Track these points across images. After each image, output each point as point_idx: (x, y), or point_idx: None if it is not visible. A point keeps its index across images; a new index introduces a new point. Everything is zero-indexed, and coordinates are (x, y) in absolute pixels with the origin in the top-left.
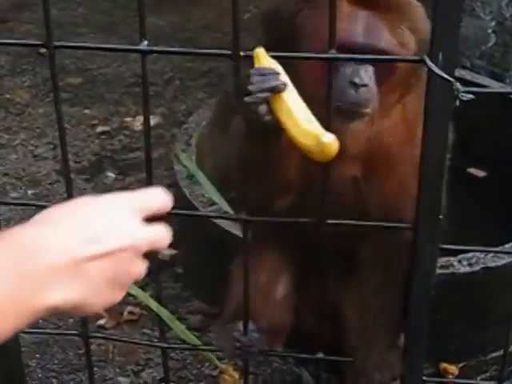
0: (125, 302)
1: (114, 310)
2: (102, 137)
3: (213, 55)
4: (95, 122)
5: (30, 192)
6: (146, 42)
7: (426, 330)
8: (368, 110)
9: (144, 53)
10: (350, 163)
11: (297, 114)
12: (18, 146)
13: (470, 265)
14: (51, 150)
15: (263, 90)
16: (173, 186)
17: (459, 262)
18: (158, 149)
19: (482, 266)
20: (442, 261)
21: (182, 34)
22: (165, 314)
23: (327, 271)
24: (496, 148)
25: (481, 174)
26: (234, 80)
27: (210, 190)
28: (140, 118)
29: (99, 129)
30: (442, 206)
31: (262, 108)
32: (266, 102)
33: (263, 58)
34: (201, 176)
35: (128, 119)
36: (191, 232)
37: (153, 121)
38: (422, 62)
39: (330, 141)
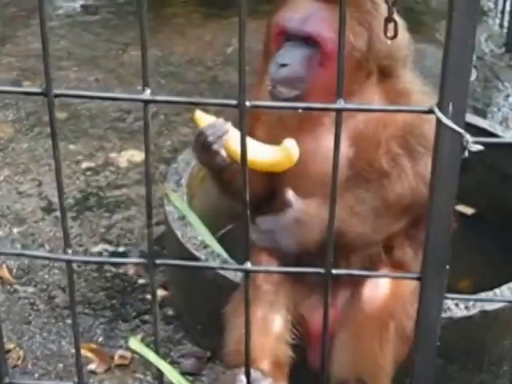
0: (116, 345)
1: (104, 354)
2: (88, 173)
3: (219, 105)
4: (80, 157)
5: (15, 230)
6: (148, 91)
7: (431, 378)
8: (293, 92)
9: (146, 102)
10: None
11: (253, 145)
12: (1, 183)
13: (466, 308)
14: (36, 187)
15: (220, 137)
16: (161, 225)
17: (456, 305)
18: (144, 186)
19: (479, 309)
20: None
21: (165, 68)
22: (156, 358)
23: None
24: (483, 185)
25: (469, 211)
26: (240, 128)
27: (203, 232)
28: (125, 154)
29: (84, 165)
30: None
31: (221, 156)
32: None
33: (204, 118)
34: (192, 217)
35: (113, 155)
36: (182, 272)
37: (138, 157)
38: (431, 112)
39: (293, 143)
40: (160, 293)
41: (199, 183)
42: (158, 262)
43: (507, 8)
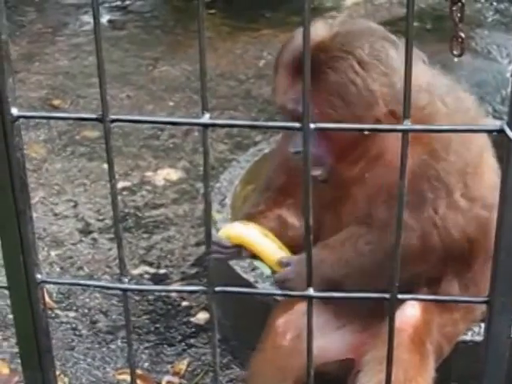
0: (162, 371)
1: (151, 380)
2: (124, 193)
3: (281, 128)
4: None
5: (53, 253)
6: (207, 115)
7: None
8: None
9: (206, 126)
10: None
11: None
12: (37, 204)
13: None
14: (72, 208)
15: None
16: (201, 245)
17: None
18: (182, 205)
19: None
20: None
21: (197, 83)
22: None
23: None
24: None
25: None
26: (304, 152)
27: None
28: (161, 173)
29: (120, 184)
30: None
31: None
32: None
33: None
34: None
35: (149, 174)
36: (229, 294)
37: (175, 175)
38: (501, 132)
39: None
40: (203, 316)
41: (242, 203)
42: (217, 289)
43: None
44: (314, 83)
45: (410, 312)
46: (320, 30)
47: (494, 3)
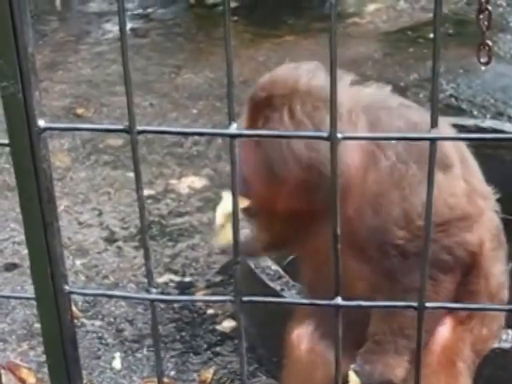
0: (188, 379)
1: None
2: (148, 201)
3: (309, 138)
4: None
5: (78, 262)
6: (235, 125)
7: None
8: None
9: (233, 136)
10: None
11: None
12: (61, 213)
13: None
14: (96, 217)
15: None
16: (225, 253)
17: None
18: (206, 213)
19: None
20: None
21: (220, 91)
22: None
23: None
24: None
25: None
26: (332, 164)
27: None
28: (185, 180)
29: (144, 192)
30: None
31: None
32: None
33: None
34: None
35: (173, 181)
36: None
37: (199, 183)
38: None
39: None
40: (229, 324)
41: None
42: (245, 299)
43: None
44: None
45: (439, 331)
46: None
47: None
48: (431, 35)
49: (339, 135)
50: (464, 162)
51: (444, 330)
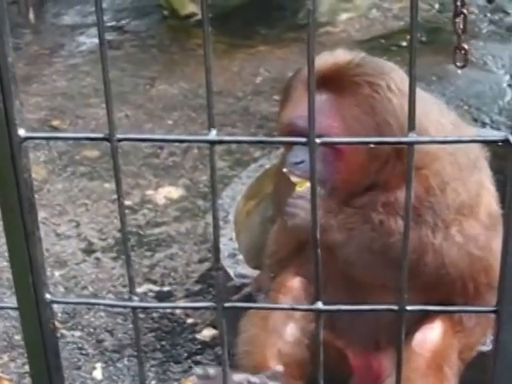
0: None
1: None
2: (125, 212)
3: (286, 143)
4: (116, 196)
5: (57, 273)
6: (214, 132)
7: None
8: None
9: (213, 143)
10: None
11: None
12: (39, 225)
13: None
14: (74, 228)
15: None
16: (204, 262)
17: None
18: (184, 222)
19: None
20: None
21: (194, 101)
22: None
23: None
24: None
25: None
26: (310, 164)
27: None
28: (162, 191)
29: None
30: None
31: None
32: None
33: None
34: None
35: (150, 192)
36: (232, 310)
37: (175, 193)
38: (506, 142)
39: None
40: (208, 332)
41: (245, 219)
42: (226, 305)
43: None
44: (344, 97)
45: (429, 336)
46: (343, 54)
47: (489, 14)
48: (404, 43)
49: (317, 140)
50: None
51: (435, 335)
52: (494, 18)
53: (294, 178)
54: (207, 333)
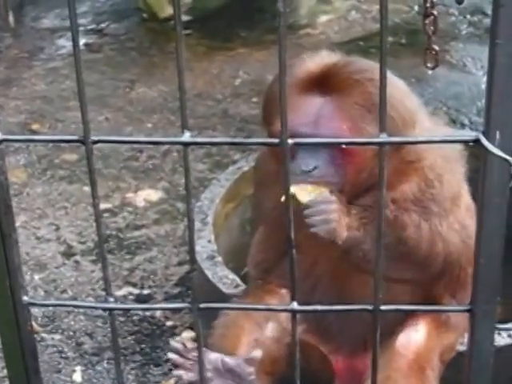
0: None
1: None
2: (105, 215)
3: (260, 144)
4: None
5: (36, 277)
6: (188, 134)
7: None
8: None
9: (186, 145)
10: None
11: None
12: (19, 229)
13: (509, 336)
14: (54, 232)
15: None
16: (182, 265)
17: (498, 333)
18: (163, 225)
19: None
20: None
21: (174, 104)
22: None
23: None
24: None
25: None
26: (283, 168)
27: None
28: (142, 194)
29: (101, 206)
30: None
31: None
32: None
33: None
34: None
35: (129, 195)
36: (210, 313)
37: (155, 196)
38: (477, 141)
39: None
40: (188, 334)
41: (223, 221)
42: (202, 306)
43: None
44: (346, 97)
45: (413, 337)
46: (328, 55)
47: (468, 16)
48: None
49: (290, 141)
50: None
51: (419, 337)
52: (473, 20)
53: (304, 187)
54: (187, 335)
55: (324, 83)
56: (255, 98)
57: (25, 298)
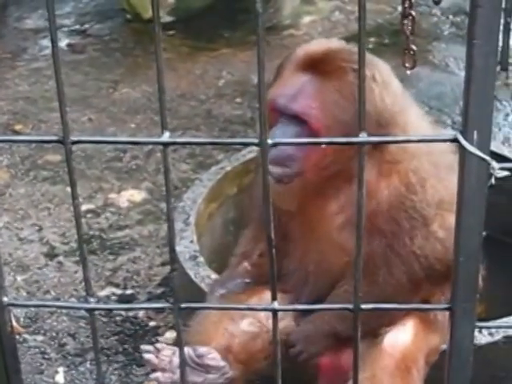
0: None
1: None
2: (88, 215)
3: (239, 144)
4: (78, 200)
5: (19, 278)
6: (167, 134)
7: None
8: (285, 170)
9: (166, 145)
10: None
11: None
12: (1, 230)
13: (490, 334)
14: (36, 232)
15: None
16: (165, 265)
17: (479, 331)
18: (147, 225)
19: (502, 335)
20: None
21: (157, 104)
22: None
23: None
24: (493, 206)
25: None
26: (263, 167)
27: None
28: (125, 194)
29: (84, 207)
30: (479, 285)
31: None
32: None
33: None
34: None
35: (112, 195)
36: (193, 313)
37: (138, 196)
38: (455, 141)
39: None
40: (171, 335)
41: (206, 221)
42: (183, 305)
43: (500, 27)
44: (327, 81)
45: (401, 337)
46: (338, 42)
47: (450, 16)
48: (368, 46)
49: (269, 141)
50: None
51: (406, 337)
52: (456, 20)
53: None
54: (170, 335)
55: (315, 65)
56: (239, 99)
57: (5, 298)
